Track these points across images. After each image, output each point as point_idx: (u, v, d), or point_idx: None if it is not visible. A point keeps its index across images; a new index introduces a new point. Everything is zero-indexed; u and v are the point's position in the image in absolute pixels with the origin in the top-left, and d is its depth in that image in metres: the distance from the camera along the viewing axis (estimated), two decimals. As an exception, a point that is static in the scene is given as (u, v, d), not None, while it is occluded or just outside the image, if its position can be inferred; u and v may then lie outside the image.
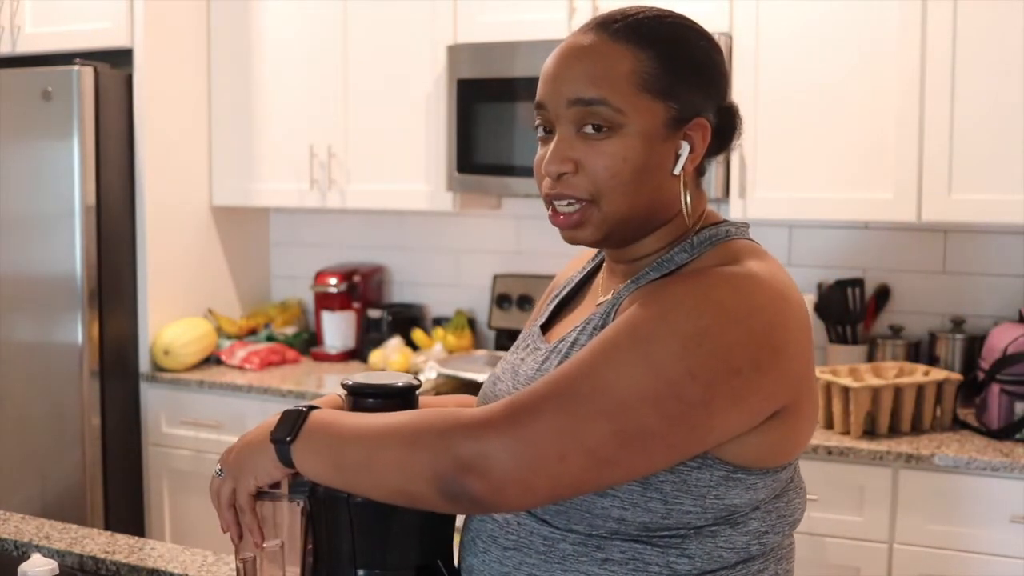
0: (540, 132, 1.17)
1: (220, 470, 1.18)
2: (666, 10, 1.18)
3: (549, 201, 1.16)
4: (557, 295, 1.34)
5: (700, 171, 1.19)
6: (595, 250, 1.33)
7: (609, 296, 1.20)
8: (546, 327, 1.30)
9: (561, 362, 1.16)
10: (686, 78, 1.13)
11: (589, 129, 1.11)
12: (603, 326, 1.15)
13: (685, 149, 1.14)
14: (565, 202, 1.14)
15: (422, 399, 1.27)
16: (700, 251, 1.15)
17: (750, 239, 1.19)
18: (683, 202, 1.15)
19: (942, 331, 2.93)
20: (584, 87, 1.11)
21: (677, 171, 1.14)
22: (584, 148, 1.12)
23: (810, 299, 3.01)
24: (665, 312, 1.04)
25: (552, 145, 1.14)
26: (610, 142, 1.11)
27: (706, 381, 1.01)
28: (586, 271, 1.33)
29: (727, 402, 1.03)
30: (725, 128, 1.19)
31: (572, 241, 1.18)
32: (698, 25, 1.19)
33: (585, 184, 1.12)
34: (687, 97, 1.13)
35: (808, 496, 1.22)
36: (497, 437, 1.01)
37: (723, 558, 1.10)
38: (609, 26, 1.14)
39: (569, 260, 1.42)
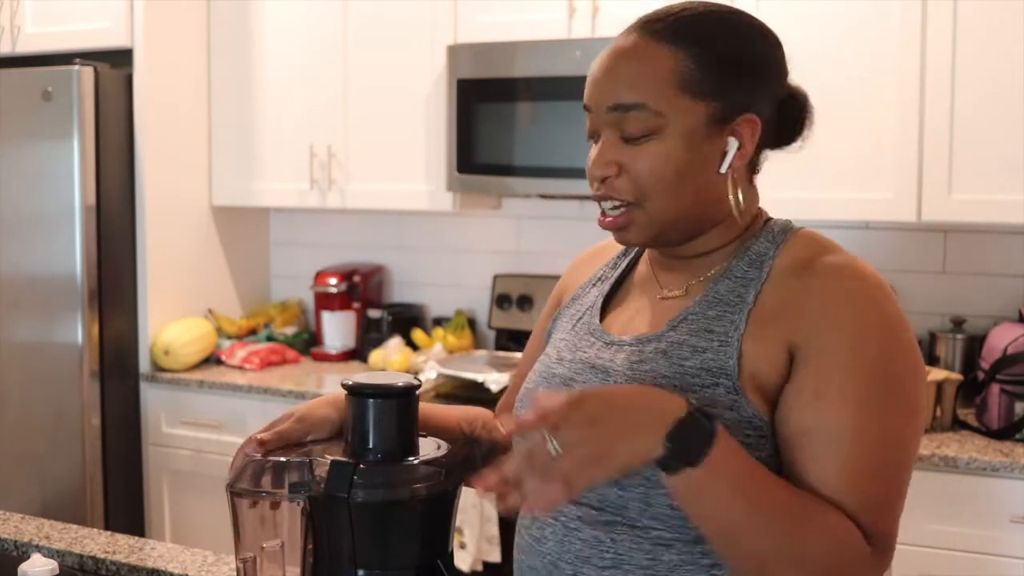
0: (590, 134, 1.19)
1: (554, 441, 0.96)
2: (716, 5, 1.17)
3: (598, 203, 1.17)
4: (597, 282, 1.31)
5: (753, 168, 1.18)
6: (616, 247, 1.32)
7: (679, 291, 1.18)
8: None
9: (666, 357, 1.12)
10: (728, 75, 1.12)
11: (629, 133, 1.12)
12: (709, 323, 1.12)
13: (733, 146, 1.13)
14: (611, 204, 1.15)
15: (424, 407, 1.26)
16: (783, 239, 1.16)
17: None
18: (732, 200, 1.14)
19: (942, 331, 2.92)
20: (623, 91, 1.12)
21: (723, 169, 1.13)
22: (627, 151, 1.13)
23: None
24: (885, 352, 1.08)
25: (596, 149, 1.16)
26: (651, 144, 1.12)
27: (920, 393, 1.12)
28: (621, 269, 1.30)
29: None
30: (787, 118, 1.18)
31: (622, 243, 1.21)
32: (751, 18, 1.17)
33: (628, 186, 1.13)
34: (731, 94, 1.12)
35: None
36: (883, 558, 1.19)
37: None
38: (651, 26, 1.14)
39: (568, 260, 1.41)
